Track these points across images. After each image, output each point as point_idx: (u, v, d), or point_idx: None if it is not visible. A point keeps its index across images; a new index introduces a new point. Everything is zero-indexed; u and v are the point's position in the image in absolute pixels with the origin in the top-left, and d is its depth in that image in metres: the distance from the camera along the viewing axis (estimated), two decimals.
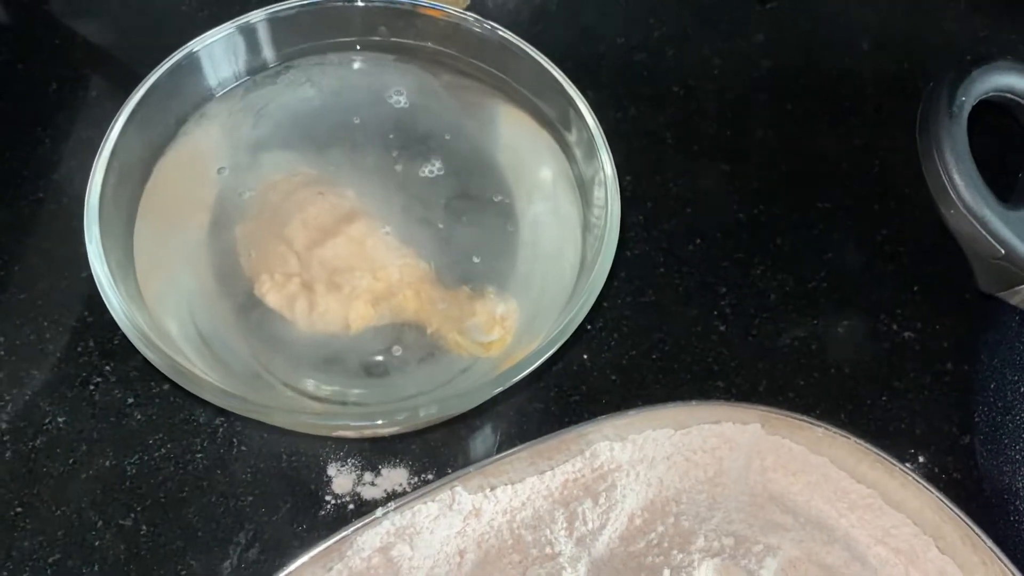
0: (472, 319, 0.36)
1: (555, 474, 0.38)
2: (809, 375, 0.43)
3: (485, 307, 0.37)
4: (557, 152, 0.39)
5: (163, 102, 0.37)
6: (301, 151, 0.39)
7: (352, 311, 0.36)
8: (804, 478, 0.39)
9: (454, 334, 0.36)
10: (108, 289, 0.32)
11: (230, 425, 0.40)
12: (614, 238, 0.34)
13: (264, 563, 0.37)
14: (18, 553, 0.37)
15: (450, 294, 0.37)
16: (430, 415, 0.31)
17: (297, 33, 0.39)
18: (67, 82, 0.50)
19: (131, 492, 0.38)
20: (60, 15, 0.53)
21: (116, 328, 0.41)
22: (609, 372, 0.43)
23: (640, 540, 0.37)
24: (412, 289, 0.37)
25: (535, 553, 0.36)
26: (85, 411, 0.40)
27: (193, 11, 0.52)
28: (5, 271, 0.43)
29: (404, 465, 0.40)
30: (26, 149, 0.47)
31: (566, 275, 0.36)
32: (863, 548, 0.38)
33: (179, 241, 0.37)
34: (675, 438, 0.39)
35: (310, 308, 0.36)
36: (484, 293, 0.37)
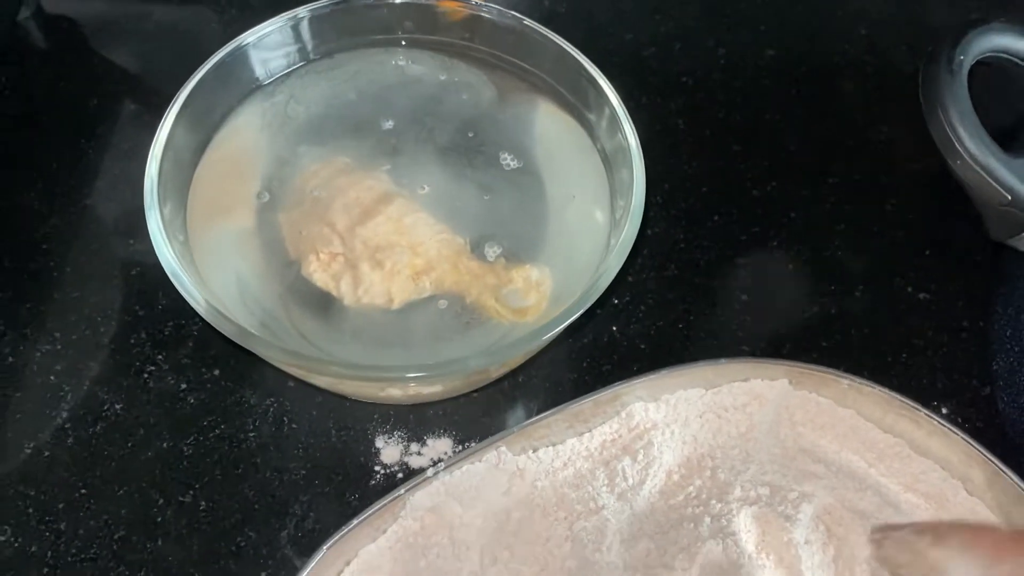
0: (508, 286, 0.38)
1: (593, 435, 0.40)
2: (831, 337, 0.45)
3: (520, 275, 0.38)
4: (580, 131, 0.42)
5: (210, 95, 0.39)
6: (338, 140, 0.42)
7: (395, 285, 0.38)
8: (832, 430, 0.41)
9: (492, 301, 0.38)
10: (177, 270, 0.34)
11: (280, 405, 0.42)
12: (641, 199, 0.36)
13: (319, 531, 0.38)
14: (85, 531, 0.38)
15: (486, 265, 0.39)
16: (479, 366, 0.33)
17: (332, 29, 0.42)
18: (105, 98, 0.52)
19: (189, 471, 0.40)
20: (93, 41, 0.55)
21: (167, 319, 0.43)
22: (638, 342, 0.44)
23: (679, 493, 0.38)
24: (450, 262, 0.38)
25: (580, 508, 0.38)
26: (141, 398, 0.41)
27: (216, 37, 0.54)
28: (58, 272, 0.45)
29: (448, 435, 0.41)
30: (71, 159, 0.49)
31: (597, 240, 0.38)
32: (894, 495, 0.39)
33: (227, 228, 0.39)
34: (706, 397, 0.41)
35: (355, 284, 0.38)
36: (518, 262, 0.39)
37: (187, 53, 0.40)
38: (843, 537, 0.37)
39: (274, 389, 0.42)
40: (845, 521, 0.37)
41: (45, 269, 0.45)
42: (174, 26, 0.56)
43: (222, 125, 0.41)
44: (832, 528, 0.37)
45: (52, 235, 0.46)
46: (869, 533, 0.36)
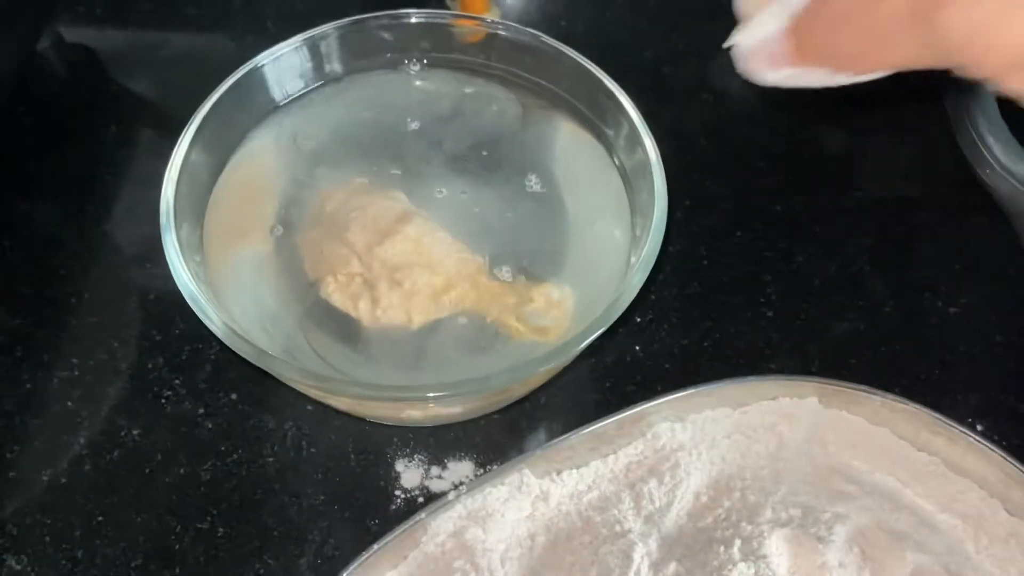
0: (529, 305, 0.38)
1: (618, 457, 0.39)
2: (860, 354, 0.44)
3: (540, 293, 0.38)
4: (599, 147, 0.41)
5: (226, 117, 0.39)
6: (355, 160, 0.41)
7: (414, 305, 0.37)
8: (865, 449, 0.39)
9: (513, 320, 0.37)
10: (195, 292, 0.33)
11: (298, 429, 0.41)
12: (663, 214, 0.36)
13: (339, 557, 0.38)
14: (102, 560, 0.38)
15: (506, 284, 0.38)
16: (501, 384, 0.32)
17: (348, 50, 0.42)
18: (124, 125, 0.52)
19: (206, 497, 0.39)
20: (111, 69, 0.56)
21: (184, 344, 0.43)
22: (662, 361, 0.44)
23: (708, 516, 0.37)
24: (469, 281, 0.38)
25: (605, 532, 0.37)
26: (158, 423, 0.41)
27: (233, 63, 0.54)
28: (76, 298, 0.45)
29: (469, 458, 0.40)
30: (89, 186, 0.49)
31: (618, 257, 0.37)
32: (930, 515, 0.38)
33: (244, 250, 0.39)
34: (734, 417, 0.40)
35: (374, 305, 0.37)
36: (538, 280, 0.38)
37: (204, 79, 0.40)
38: (879, 560, 0.35)
39: (292, 413, 0.41)
40: (881, 543, 0.36)
41: (62, 295, 0.45)
42: (191, 53, 0.56)
43: (238, 147, 0.40)
44: (867, 550, 0.36)
45: (69, 261, 0.46)
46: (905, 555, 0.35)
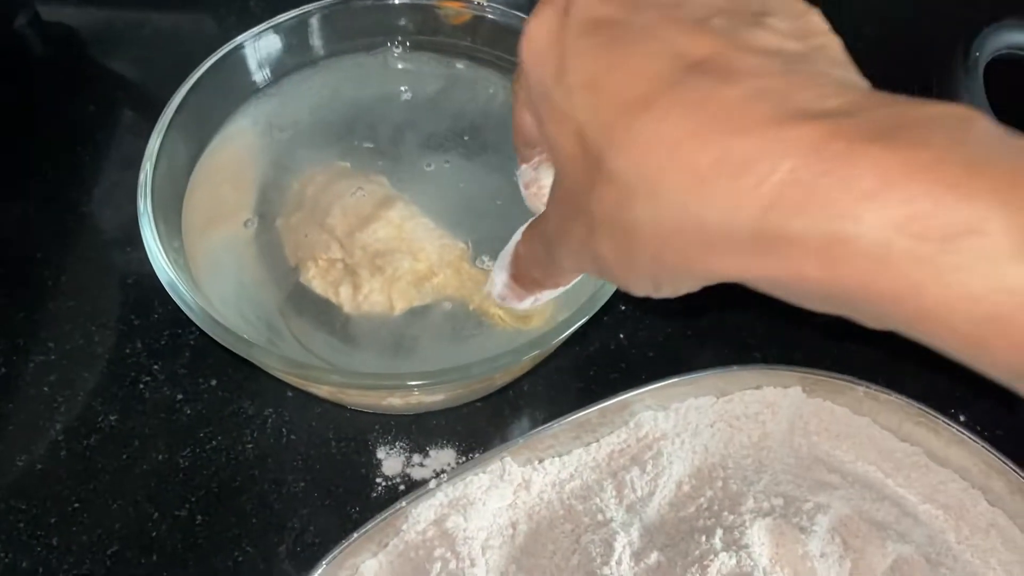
0: None
1: (601, 445, 0.39)
2: (842, 345, 0.44)
3: None
4: None
5: (206, 99, 0.38)
6: (337, 144, 0.41)
7: (395, 292, 0.37)
8: (848, 439, 0.39)
9: (495, 308, 0.37)
10: (172, 278, 0.33)
11: (279, 416, 0.41)
12: None
13: (319, 545, 0.37)
14: (78, 546, 0.37)
15: (488, 271, 0.38)
16: (483, 373, 0.32)
17: (330, 31, 0.41)
18: (103, 105, 0.51)
19: (185, 484, 0.39)
20: (90, 48, 0.55)
21: (163, 329, 0.42)
22: (646, 349, 0.43)
23: (690, 505, 0.37)
24: (452, 268, 0.37)
25: (587, 521, 0.36)
26: (136, 409, 0.40)
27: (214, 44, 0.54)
28: (53, 281, 0.44)
29: (451, 446, 0.40)
30: (68, 167, 0.48)
31: None
32: (912, 506, 0.38)
33: (224, 235, 0.38)
34: (717, 405, 0.40)
35: (355, 291, 0.37)
36: None
37: (185, 60, 0.40)
38: (860, 549, 0.35)
39: (272, 399, 0.41)
40: (862, 533, 0.36)
41: (40, 278, 0.44)
42: (172, 33, 0.55)
43: (218, 129, 0.40)
44: (849, 540, 0.36)
45: (47, 243, 0.45)
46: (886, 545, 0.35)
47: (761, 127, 0.20)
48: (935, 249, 0.18)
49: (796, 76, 0.21)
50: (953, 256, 0.18)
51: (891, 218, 0.19)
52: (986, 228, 0.18)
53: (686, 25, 0.23)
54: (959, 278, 0.18)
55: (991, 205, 0.18)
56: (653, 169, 0.22)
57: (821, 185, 0.19)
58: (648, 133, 0.22)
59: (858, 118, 0.20)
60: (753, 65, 0.21)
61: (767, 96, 0.21)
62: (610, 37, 0.24)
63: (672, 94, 0.21)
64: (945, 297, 0.18)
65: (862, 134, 0.19)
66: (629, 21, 0.24)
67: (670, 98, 0.21)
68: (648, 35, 0.23)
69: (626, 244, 0.23)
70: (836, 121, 0.20)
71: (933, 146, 0.19)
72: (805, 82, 0.21)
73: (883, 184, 0.19)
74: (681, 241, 0.22)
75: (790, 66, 0.22)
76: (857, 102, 0.20)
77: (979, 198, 0.18)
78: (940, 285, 0.18)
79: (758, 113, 0.20)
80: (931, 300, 0.19)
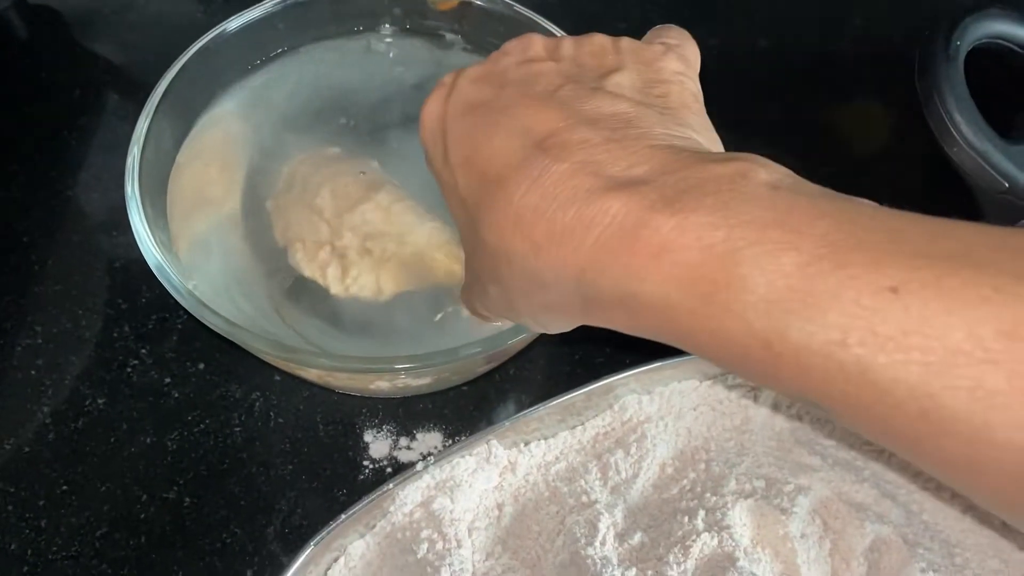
0: None
1: (586, 428, 0.39)
2: None
3: None
4: None
5: (192, 83, 0.38)
6: (324, 128, 0.41)
7: (383, 275, 0.37)
8: (828, 423, 0.40)
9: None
10: (160, 261, 0.33)
11: (266, 399, 0.41)
12: None
13: (307, 527, 0.38)
14: (66, 529, 0.37)
15: None
16: (470, 356, 0.32)
17: (317, 16, 0.41)
18: (88, 89, 0.51)
19: (173, 467, 0.39)
20: (75, 31, 0.54)
21: (151, 313, 0.42)
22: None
23: (673, 487, 0.38)
24: (441, 251, 0.38)
25: (572, 503, 0.37)
26: (124, 392, 0.41)
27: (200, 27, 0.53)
28: (40, 265, 0.44)
29: (438, 429, 0.40)
30: (54, 151, 0.48)
31: None
32: (891, 487, 0.39)
33: (211, 218, 0.38)
34: (701, 389, 0.40)
35: (343, 274, 0.37)
36: None
37: (171, 44, 0.40)
38: (840, 531, 0.36)
39: (260, 383, 0.41)
40: (841, 514, 0.36)
41: (26, 262, 0.44)
42: (158, 16, 0.55)
43: (205, 113, 0.40)
44: (829, 521, 0.36)
45: (34, 227, 0.45)
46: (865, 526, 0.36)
47: (579, 200, 0.24)
48: (698, 302, 0.22)
49: (615, 145, 0.25)
50: (711, 307, 0.21)
51: (667, 276, 0.22)
52: (732, 282, 0.21)
53: (535, 102, 0.27)
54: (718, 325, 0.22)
55: (741, 261, 0.21)
56: (507, 239, 0.25)
57: (618, 250, 0.23)
58: (502, 208, 0.25)
59: (653, 185, 0.23)
60: (582, 138, 0.25)
61: (587, 169, 0.24)
62: (479, 118, 0.27)
63: (519, 172, 0.25)
64: (710, 340, 0.22)
65: (652, 203, 0.22)
66: (494, 102, 0.27)
67: (517, 176, 0.25)
68: (507, 114, 0.27)
69: (506, 296, 0.28)
70: (636, 190, 0.23)
71: (702, 209, 0.22)
72: (620, 151, 0.24)
73: (661, 248, 0.22)
74: (536, 295, 0.26)
75: (615, 134, 0.25)
76: (659, 167, 0.24)
77: (732, 257, 0.21)
78: (705, 331, 0.22)
79: (579, 187, 0.24)
80: (701, 343, 0.22)
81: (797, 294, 0.20)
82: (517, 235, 0.25)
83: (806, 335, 0.20)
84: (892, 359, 0.19)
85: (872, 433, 0.21)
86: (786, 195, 0.22)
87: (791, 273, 0.20)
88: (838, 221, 0.21)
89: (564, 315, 0.26)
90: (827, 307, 0.20)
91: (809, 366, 0.20)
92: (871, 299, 0.19)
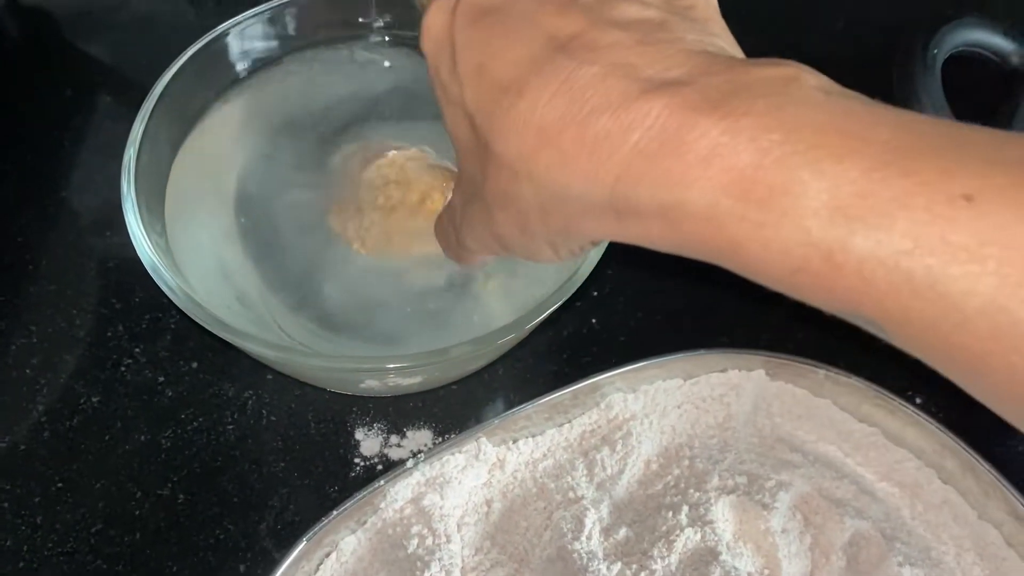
0: None
1: (573, 426, 0.40)
2: (806, 328, 0.45)
3: None
4: None
5: (189, 85, 0.39)
6: (318, 133, 0.41)
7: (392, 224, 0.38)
8: (809, 420, 0.41)
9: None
10: (155, 261, 0.34)
11: (259, 398, 0.41)
12: None
13: (299, 523, 0.38)
14: (62, 525, 0.38)
15: None
16: (458, 356, 0.33)
17: (312, 21, 0.42)
18: (81, 90, 0.52)
19: (167, 464, 0.40)
20: (67, 32, 0.55)
21: (144, 312, 0.43)
22: (617, 334, 0.45)
23: (658, 483, 0.39)
24: (441, 191, 0.38)
25: (559, 499, 0.38)
26: (118, 391, 0.41)
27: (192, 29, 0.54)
28: (34, 265, 0.45)
29: (428, 427, 0.41)
30: (47, 151, 0.49)
31: None
32: (869, 484, 0.40)
33: (207, 221, 0.39)
34: (684, 387, 0.41)
35: (359, 227, 0.38)
36: None
37: (163, 45, 0.40)
38: (819, 525, 0.37)
39: (252, 382, 0.42)
40: (822, 510, 0.37)
41: (20, 262, 0.45)
42: (150, 18, 0.55)
43: (201, 117, 0.40)
44: (809, 517, 0.37)
45: (27, 228, 0.46)
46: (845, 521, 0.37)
47: (614, 105, 0.22)
48: (752, 209, 0.20)
49: (648, 48, 0.23)
50: (767, 214, 0.20)
51: (717, 182, 0.20)
52: (793, 188, 0.20)
53: (556, 6, 0.25)
54: (773, 234, 0.20)
55: (799, 165, 0.20)
56: (528, 150, 0.24)
57: (659, 156, 0.21)
58: (522, 117, 0.23)
59: (695, 87, 0.21)
60: (612, 41, 0.23)
61: (620, 72, 0.22)
62: (493, 25, 0.25)
63: (541, 77, 0.23)
64: (761, 252, 0.20)
65: (695, 104, 0.21)
66: (509, 8, 0.25)
67: (539, 81, 0.23)
68: (524, 20, 0.25)
69: (518, 219, 0.26)
70: (676, 91, 0.21)
71: (754, 113, 0.20)
72: (655, 54, 0.23)
73: (710, 152, 0.20)
74: (559, 210, 0.24)
75: (646, 36, 0.23)
76: (699, 70, 0.22)
77: (790, 159, 0.20)
78: (757, 241, 0.20)
79: (612, 90, 0.22)
80: (751, 256, 0.21)
81: (864, 200, 0.19)
82: (541, 146, 0.23)
83: (872, 244, 0.19)
84: (965, 270, 0.18)
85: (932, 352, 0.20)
86: (840, 100, 0.21)
87: (856, 179, 0.19)
88: (899, 127, 0.20)
89: (586, 233, 0.25)
90: (896, 215, 0.19)
91: (872, 278, 0.19)
92: (944, 207, 0.18)
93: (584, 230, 0.24)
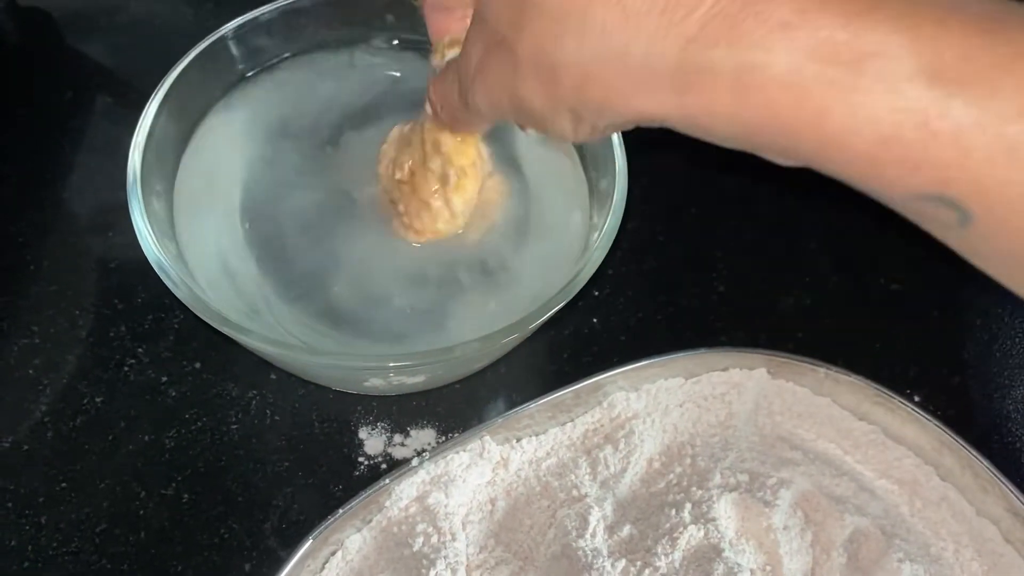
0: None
1: (575, 425, 0.40)
2: (805, 328, 0.46)
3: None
4: None
5: (193, 85, 0.39)
6: (322, 134, 0.42)
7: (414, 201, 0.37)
8: (810, 418, 0.41)
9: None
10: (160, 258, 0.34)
11: (262, 397, 0.42)
12: (623, 191, 0.37)
13: (303, 522, 0.39)
14: (66, 525, 0.38)
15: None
16: (462, 354, 0.33)
17: (316, 24, 0.42)
18: (80, 92, 0.52)
19: (171, 464, 0.40)
20: (66, 34, 0.55)
21: (147, 313, 0.43)
22: (618, 333, 0.45)
23: (660, 481, 0.39)
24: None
25: (563, 497, 0.38)
26: (121, 391, 0.41)
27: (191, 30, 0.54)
28: (35, 266, 0.45)
29: (431, 426, 0.41)
30: (46, 153, 0.49)
31: (579, 232, 0.39)
32: (869, 481, 0.40)
33: (212, 221, 0.39)
34: (686, 386, 0.42)
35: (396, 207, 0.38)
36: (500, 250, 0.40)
37: (162, 47, 0.40)
38: (820, 522, 0.37)
39: (256, 381, 0.42)
40: (822, 507, 0.38)
41: (21, 263, 0.45)
42: (149, 19, 0.55)
43: (205, 117, 0.40)
44: (810, 514, 0.38)
45: (28, 229, 0.46)
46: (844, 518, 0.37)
47: None
48: (842, 72, 0.19)
49: None
50: (858, 78, 0.19)
51: (802, 45, 0.20)
52: (888, 51, 0.19)
53: None
54: (863, 99, 0.19)
55: (895, 29, 0.19)
56: (582, 6, 0.22)
57: (740, 18, 0.20)
58: None
59: None
60: None
61: None
62: None
63: None
64: (848, 119, 0.19)
65: None
66: None
67: None
68: None
69: (550, 79, 0.23)
70: None
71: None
72: None
73: (796, 15, 0.20)
74: (605, 75, 0.22)
75: None
76: None
77: (884, 24, 0.19)
78: (845, 106, 0.19)
79: None
80: (836, 124, 0.20)
81: (968, 64, 0.18)
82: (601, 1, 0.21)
83: (976, 110, 0.18)
84: None
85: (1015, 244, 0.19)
86: None
87: (956, 44, 0.18)
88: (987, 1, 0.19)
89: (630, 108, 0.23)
90: (1000, 81, 0.18)
91: (970, 147, 0.18)
92: None
93: (630, 105, 0.22)
